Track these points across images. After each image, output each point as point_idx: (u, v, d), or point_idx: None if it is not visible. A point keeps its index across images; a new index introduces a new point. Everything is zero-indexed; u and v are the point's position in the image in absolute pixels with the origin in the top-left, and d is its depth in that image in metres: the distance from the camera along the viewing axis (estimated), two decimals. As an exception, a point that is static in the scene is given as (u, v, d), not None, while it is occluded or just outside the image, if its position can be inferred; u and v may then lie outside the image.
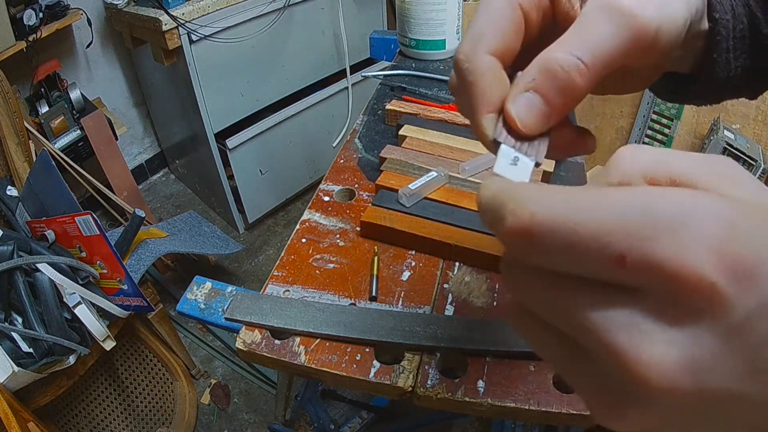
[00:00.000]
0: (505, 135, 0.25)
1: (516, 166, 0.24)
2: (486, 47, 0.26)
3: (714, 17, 0.30)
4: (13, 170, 1.30)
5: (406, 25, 1.01)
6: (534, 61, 0.24)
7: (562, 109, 0.24)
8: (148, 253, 1.33)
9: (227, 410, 1.48)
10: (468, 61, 0.26)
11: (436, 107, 0.82)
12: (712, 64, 0.31)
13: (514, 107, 0.24)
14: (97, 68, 1.94)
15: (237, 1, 1.59)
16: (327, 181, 0.73)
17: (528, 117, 0.24)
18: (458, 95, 0.28)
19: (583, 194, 0.17)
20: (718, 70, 0.31)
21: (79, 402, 1.24)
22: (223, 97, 1.72)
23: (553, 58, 0.23)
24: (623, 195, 0.16)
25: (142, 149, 2.26)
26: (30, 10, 1.44)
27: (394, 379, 0.49)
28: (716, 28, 0.30)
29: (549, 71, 0.23)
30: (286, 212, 2.15)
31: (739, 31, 0.30)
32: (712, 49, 0.30)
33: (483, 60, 0.26)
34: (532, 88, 0.24)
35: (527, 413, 0.47)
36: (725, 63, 0.31)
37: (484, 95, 0.25)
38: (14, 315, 1.00)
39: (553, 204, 0.17)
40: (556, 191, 0.18)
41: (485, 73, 0.25)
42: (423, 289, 0.58)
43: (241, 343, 0.53)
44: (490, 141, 0.25)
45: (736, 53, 0.31)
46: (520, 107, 0.24)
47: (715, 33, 0.30)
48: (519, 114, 0.24)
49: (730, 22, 0.30)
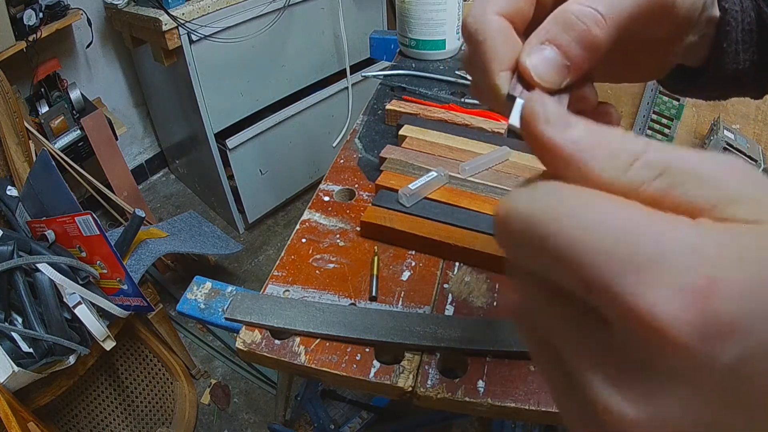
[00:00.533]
0: (521, 90, 0.23)
1: None
2: (496, 8, 0.25)
3: (723, 6, 0.30)
4: (13, 170, 1.30)
5: (406, 25, 1.01)
6: (549, 16, 0.23)
7: (580, 63, 0.23)
8: (148, 253, 1.33)
9: (227, 410, 1.48)
10: (477, 22, 0.25)
11: (436, 107, 0.82)
12: (722, 54, 0.31)
13: (529, 59, 0.23)
14: (97, 68, 1.94)
15: (237, 1, 1.59)
16: (327, 181, 0.73)
17: (545, 69, 0.23)
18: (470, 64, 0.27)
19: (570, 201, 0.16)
20: (727, 61, 0.31)
21: (79, 402, 1.24)
22: (223, 97, 1.72)
23: (569, 9, 0.23)
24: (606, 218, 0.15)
25: (142, 149, 2.26)
26: (30, 10, 1.44)
27: (394, 379, 0.49)
28: (726, 17, 0.30)
29: (565, 22, 0.23)
30: (286, 212, 2.15)
31: (747, 24, 0.31)
32: (721, 38, 0.31)
33: (493, 20, 0.25)
34: (547, 39, 0.23)
35: (527, 413, 0.47)
36: (734, 54, 0.31)
37: (495, 54, 0.24)
38: (14, 315, 1.00)
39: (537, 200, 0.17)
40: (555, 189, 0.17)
41: (496, 32, 0.24)
42: (423, 289, 0.58)
43: (241, 343, 0.53)
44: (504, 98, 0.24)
45: (745, 46, 0.31)
46: (535, 59, 0.23)
47: (725, 23, 0.30)
48: (535, 66, 0.23)
49: (739, 13, 0.30)
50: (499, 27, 0.25)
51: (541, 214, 0.16)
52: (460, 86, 0.94)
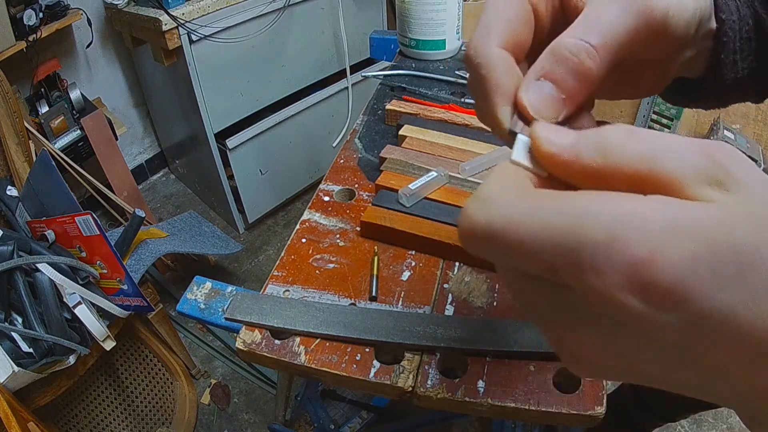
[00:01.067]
0: (522, 126, 0.24)
1: None
2: (496, 41, 0.25)
3: (721, 18, 0.30)
4: (13, 170, 1.30)
5: (406, 25, 1.01)
6: (544, 51, 0.24)
7: (575, 95, 0.24)
8: (148, 253, 1.33)
9: (227, 410, 1.48)
10: (478, 56, 0.26)
11: (436, 107, 0.82)
12: (720, 65, 0.31)
13: (526, 95, 0.24)
14: (97, 68, 1.94)
15: (237, 1, 1.59)
16: (327, 181, 0.73)
17: (540, 104, 0.24)
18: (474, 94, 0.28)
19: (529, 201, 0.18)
20: (725, 71, 0.31)
21: (79, 402, 1.24)
22: (223, 97, 1.72)
23: (561, 43, 0.23)
24: (559, 207, 0.17)
25: (142, 149, 2.26)
26: (30, 10, 1.44)
27: (394, 379, 0.49)
28: (723, 28, 0.30)
29: (558, 56, 0.23)
30: (286, 212, 2.15)
31: (745, 32, 0.31)
32: (719, 49, 0.31)
33: (493, 53, 0.25)
34: (542, 75, 0.24)
35: (527, 413, 0.47)
36: (732, 64, 0.31)
37: (497, 87, 0.25)
38: (14, 315, 1.00)
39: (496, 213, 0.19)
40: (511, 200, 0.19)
41: (497, 65, 0.25)
42: (423, 289, 0.58)
43: (241, 343, 0.53)
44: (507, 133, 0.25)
45: (743, 54, 0.31)
46: (531, 95, 0.24)
47: (722, 33, 0.30)
48: (531, 101, 0.24)
49: (736, 23, 0.30)
50: (500, 59, 0.25)
51: (495, 224, 0.18)
52: (460, 86, 0.94)
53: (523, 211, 0.18)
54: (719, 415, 1.37)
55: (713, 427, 1.36)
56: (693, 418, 1.35)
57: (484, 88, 0.25)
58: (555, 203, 0.18)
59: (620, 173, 0.18)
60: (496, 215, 0.18)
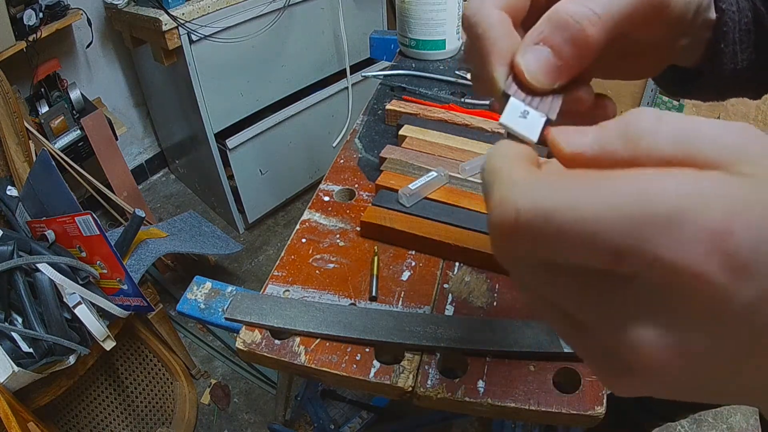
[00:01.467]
0: (516, 89, 0.24)
1: (525, 119, 0.23)
2: (494, 2, 0.25)
3: (721, 7, 0.30)
4: (13, 170, 1.30)
5: (406, 25, 1.01)
6: (544, 15, 0.24)
7: (573, 63, 0.23)
8: (148, 253, 1.33)
9: (227, 410, 1.48)
10: (476, 15, 0.25)
11: (436, 107, 0.82)
12: (720, 55, 0.31)
13: (523, 59, 0.23)
14: (97, 68, 1.94)
15: (237, 1, 1.59)
16: (327, 181, 0.73)
17: (537, 69, 0.23)
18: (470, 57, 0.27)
19: (576, 183, 0.16)
20: (725, 61, 0.31)
21: (79, 402, 1.24)
22: (223, 97, 1.72)
23: (562, 9, 0.23)
24: (618, 186, 0.16)
25: (142, 149, 2.26)
26: (30, 10, 1.44)
27: (394, 379, 0.49)
28: (723, 18, 0.30)
29: (559, 21, 0.23)
30: (286, 212, 2.15)
31: (744, 24, 0.31)
32: (719, 39, 0.31)
33: (492, 13, 0.25)
34: (541, 39, 0.23)
35: (527, 413, 0.47)
36: (732, 55, 0.31)
37: (494, 48, 0.25)
38: (14, 315, 1.00)
39: (542, 196, 0.17)
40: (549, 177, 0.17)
41: (494, 25, 0.25)
42: (423, 289, 0.58)
43: (241, 343, 0.53)
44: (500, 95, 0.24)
45: (742, 46, 0.31)
46: (529, 59, 0.23)
47: (722, 24, 0.30)
48: (528, 66, 0.23)
49: (736, 14, 0.30)
50: (498, 20, 0.25)
51: (555, 207, 0.16)
52: (460, 86, 0.94)
53: (578, 192, 0.16)
54: (719, 415, 1.37)
55: (713, 427, 1.36)
56: (693, 418, 1.35)
57: (481, 49, 0.25)
58: (611, 181, 0.16)
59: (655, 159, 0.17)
60: (550, 199, 0.16)
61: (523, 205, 0.17)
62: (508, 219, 0.17)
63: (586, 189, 0.16)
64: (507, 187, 0.18)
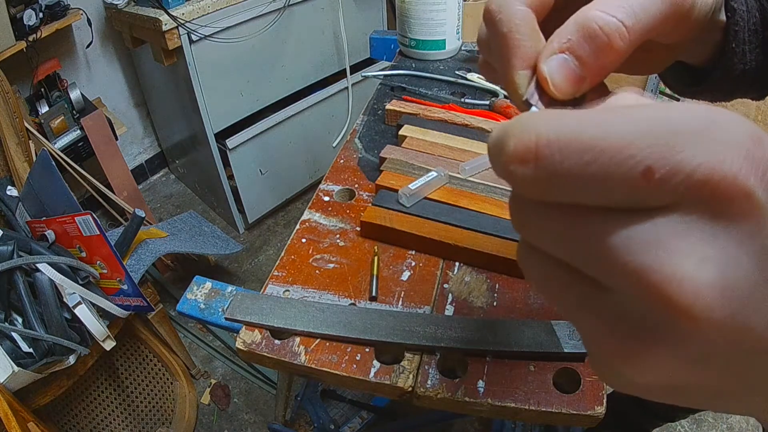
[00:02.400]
0: (537, 98, 0.23)
1: None
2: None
3: (732, 7, 0.30)
4: (13, 170, 1.30)
5: (406, 25, 1.01)
6: (571, 18, 0.22)
7: (597, 74, 0.23)
8: (148, 253, 1.33)
9: (227, 410, 1.48)
10: (501, 11, 0.24)
11: (436, 107, 0.82)
12: (731, 55, 0.31)
13: (547, 67, 0.22)
14: (97, 68, 1.94)
15: (237, 1, 1.59)
16: (327, 181, 0.73)
17: (561, 79, 0.22)
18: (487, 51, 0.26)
19: (597, 112, 0.16)
20: (735, 61, 0.32)
21: (79, 402, 1.24)
22: (223, 97, 1.72)
23: (592, 17, 0.22)
24: (643, 108, 0.15)
25: (142, 149, 2.26)
26: (30, 10, 1.44)
27: (394, 379, 0.49)
28: (734, 18, 0.30)
29: (587, 32, 0.22)
30: (286, 212, 2.15)
31: (752, 24, 0.31)
32: (730, 39, 0.31)
33: (518, 10, 0.24)
34: (567, 48, 0.22)
35: (527, 413, 0.47)
36: (742, 55, 0.31)
37: (518, 48, 0.24)
38: (14, 315, 1.00)
39: (563, 122, 0.15)
40: (566, 112, 0.16)
41: (520, 24, 0.24)
42: (423, 289, 0.58)
43: (241, 343, 0.53)
44: (522, 101, 0.24)
45: (751, 46, 0.31)
46: (553, 68, 0.22)
47: (733, 23, 0.30)
48: (552, 75, 0.22)
49: (745, 14, 0.30)
50: (524, 19, 0.24)
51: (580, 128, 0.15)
52: (460, 86, 0.94)
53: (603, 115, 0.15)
54: (719, 415, 1.37)
55: (713, 427, 1.36)
56: (693, 418, 1.35)
57: (504, 47, 0.24)
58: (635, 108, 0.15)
59: None
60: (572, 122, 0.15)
61: (545, 129, 0.15)
62: (528, 144, 0.15)
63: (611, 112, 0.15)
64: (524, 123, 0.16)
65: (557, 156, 0.15)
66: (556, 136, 0.15)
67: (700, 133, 0.14)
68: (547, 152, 0.15)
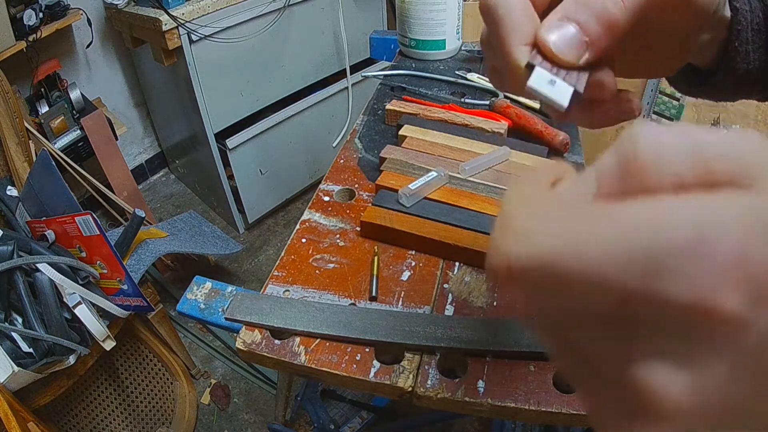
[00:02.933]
0: (541, 60, 0.23)
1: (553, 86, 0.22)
2: None
3: (735, 6, 0.30)
4: (13, 170, 1.30)
5: (406, 25, 1.01)
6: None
7: (598, 41, 0.23)
8: (148, 253, 1.33)
9: (227, 410, 1.48)
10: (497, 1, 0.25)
11: (436, 107, 0.82)
12: (734, 53, 0.32)
13: (549, 34, 0.23)
14: (97, 68, 1.94)
15: (237, 1, 1.59)
16: (327, 181, 0.73)
17: (564, 44, 0.23)
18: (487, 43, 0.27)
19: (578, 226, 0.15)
20: (738, 60, 0.32)
21: (79, 402, 1.24)
22: (223, 97, 1.72)
23: None
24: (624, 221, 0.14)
25: (142, 149, 2.26)
26: (30, 10, 1.44)
27: (394, 379, 0.49)
28: (737, 17, 0.31)
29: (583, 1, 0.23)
30: (286, 212, 2.15)
31: (756, 24, 0.31)
32: (733, 38, 0.31)
33: None
34: (566, 17, 0.23)
35: (527, 413, 0.47)
36: (745, 54, 0.31)
37: (514, 28, 0.24)
38: (14, 315, 1.00)
39: (537, 243, 0.15)
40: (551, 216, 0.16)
41: (516, 6, 0.24)
42: (423, 289, 0.58)
43: (241, 343, 0.53)
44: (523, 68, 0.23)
45: (754, 46, 0.31)
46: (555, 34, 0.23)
47: (736, 22, 0.31)
48: (555, 41, 0.23)
49: (748, 13, 0.31)
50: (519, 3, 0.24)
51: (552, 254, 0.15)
52: (460, 86, 0.94)
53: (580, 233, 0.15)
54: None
55: (713, 427, 1.35)
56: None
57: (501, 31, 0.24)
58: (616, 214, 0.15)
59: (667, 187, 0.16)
60: (547, 245, 0.15)
61: (516, 252, 0.16)
62: (499, 266, 0.16)
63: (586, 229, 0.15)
64: (505, 233, 0.17)
65: (530, 284, 0.16)
66: (527, 262, 0.15)
67: (686, 257, 0.14)
68: (519, 276, 0.16)
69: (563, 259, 0.15)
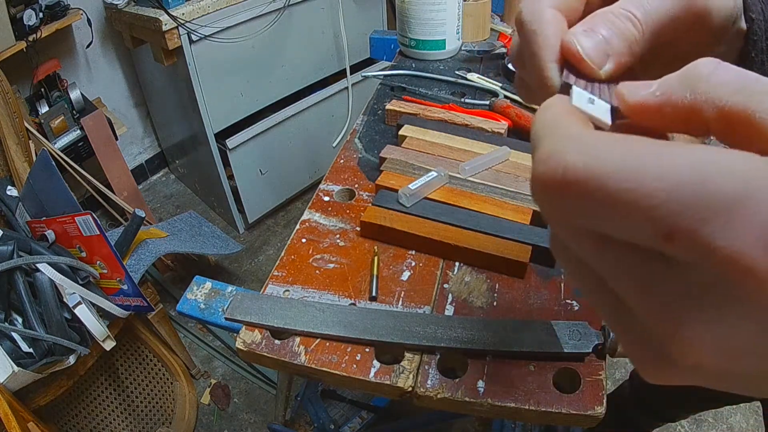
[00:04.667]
0: (575, 78, 0.24)
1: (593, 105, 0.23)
2: (550, 1, 0.26)
3: (750, 17, 0.31)
4: (13, 170, 1.30)
5: (406, 25, 1.01)
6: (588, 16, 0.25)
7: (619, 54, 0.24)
8: (148, 253, 1.33)
9: (227, 410, 1.48)
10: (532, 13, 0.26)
11: (436, 107, 0.82)
12: (750, 64, 0.32)
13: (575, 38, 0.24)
14: (97, 68, 1.94)
15: (237, 1, 1.59)
16: (327, 181, 0.73)
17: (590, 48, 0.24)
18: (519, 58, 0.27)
19: (637, 148, 0.15)
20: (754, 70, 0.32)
21: (79, 402, 1.24)
22: (223, 97, 1.72)
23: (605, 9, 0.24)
24: (680, 163, 0.15)
25: (142, 149, 2.26)
26: (30, 10, 1.44)
27: (394, 379, 0.49)
28: (753, 27, 0.31)
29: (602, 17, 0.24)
30: (286, 212, 2.15)
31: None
32: (749, 48, 0.31)
33: (546, 12, 0.26)
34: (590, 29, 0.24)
35: (527, 413, 0.47)
36: (760, 64, 0.32)
37: (548, 45, 0.25)
38: (14, 315, 1.00)
39: (596, 156, 0.15)
40: (606, 136, 0.16)
41: (549, 22, 0.25)
42: (423, 289, 0.58)
43: (241, 343, 0.53)
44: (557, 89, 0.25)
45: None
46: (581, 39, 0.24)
47: (752, 33, 0.31)
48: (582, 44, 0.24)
49: (763, 23, 0.31)
50: (553, 19, 0.25)
51: (610, 170, 0.15)
52: (460, 86, 0.94)
53: (637, 158, 0.15)
54: (719, 415, 1.37)
55: (713, 427, 1.36)
56: (693, 419, 1.35)
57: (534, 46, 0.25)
58: (674, 152, 0.15)
59: (712, 107, 0.17)
60: (605, 160, 0.15)
61: (573, 161, 0.16)
62: (553, 174, 0.16)
63: (647, 156, 0.15)
64: (559, 141, 0.17)
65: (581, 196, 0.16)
66: (584, 174, 0.15)
67: (731, 211, 0.14)
68: (571, 189, 0.16)
69: (619, 179, 0.15)
